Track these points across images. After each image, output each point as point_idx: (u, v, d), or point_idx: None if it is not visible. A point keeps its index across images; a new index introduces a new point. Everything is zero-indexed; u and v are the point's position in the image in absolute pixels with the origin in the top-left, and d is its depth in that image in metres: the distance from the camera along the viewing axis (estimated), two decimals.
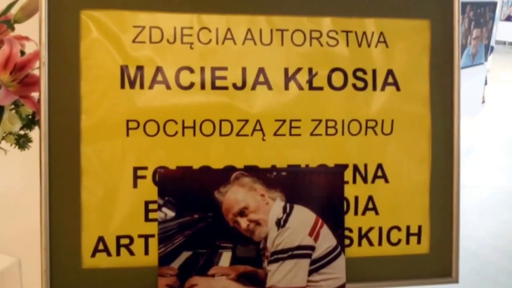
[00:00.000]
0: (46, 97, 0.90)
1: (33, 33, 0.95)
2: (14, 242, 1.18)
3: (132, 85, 0.93)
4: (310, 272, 0.94)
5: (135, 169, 0.94)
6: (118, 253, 0.94)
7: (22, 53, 0.96)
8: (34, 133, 0.97)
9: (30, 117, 0.96)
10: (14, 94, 0.93)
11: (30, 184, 0.99)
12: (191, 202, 0.91)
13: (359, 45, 0.99)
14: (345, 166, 0.99)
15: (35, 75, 0.95)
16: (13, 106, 0.95)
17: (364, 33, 0.99)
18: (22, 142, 0.95)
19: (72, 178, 0.92)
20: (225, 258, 0.92)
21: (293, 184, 0.95)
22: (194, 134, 0.95)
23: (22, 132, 0.96)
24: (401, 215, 1.01)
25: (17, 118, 0.95)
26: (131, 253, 0.94)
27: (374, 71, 1.00)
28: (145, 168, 0.94)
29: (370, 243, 1.00)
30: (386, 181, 1.00)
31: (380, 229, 1.01)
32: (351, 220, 0.99)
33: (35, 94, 0.95)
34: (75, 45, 0.93)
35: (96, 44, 0.93)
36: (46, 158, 0.91)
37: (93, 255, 0.93)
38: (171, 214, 0.91)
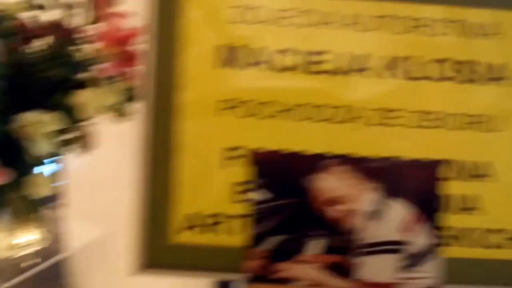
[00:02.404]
0: (147, 72, 0.91)
1: (135, 8, 0.96)
2: (105, 215, 1.22)
3: (228, 65, 0.93)
4: (402, 269, 0.90)
5: (227, 150, 0.93)
6: (205, 232, 0.94)
7: (124, 28, 0.98)
8: (131, 108, 0.98)
9: (128, 91, 0.98)
10: (115, 68, 0.95)
11: (124, 158, 1.01)
12: (283, 186, 0.89)
13: (470, 36, 0.93)
14: (444, 161, 0.93)
15: (135, 51, 0.97)
16: (112, 80, 0.97)
17: (477, 24, 0.93)
18: (119, 115, 0.97)
19: (165, 154, 0.93)
20: (314, 246, 0.89)
21: (388, 176, 0.91)
22: (288, 118, 0.93)
23: (120, 106, 0.98)
24: (506, 217, 0.95)
25: (116, 92, 0.97)
26: (218, 232, 0.94)
27: (485, 64, 0.93)
28: (237, 149, 0.93)
29: (469, 244, 0.95)
30: (493, 180, 0.94)
31: (481, 230, 0.95)
32: (449, 218, 0.94)
33: (134, 69, 0.97)
34: (174, 22, 0.93)
35: (195, 22, 0.93)
36: (143, 133, 0.92)
37: (180, 231, 0.94)
38: (262, 197, 0.90)
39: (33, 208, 1.00)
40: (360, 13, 0.94)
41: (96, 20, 0.97)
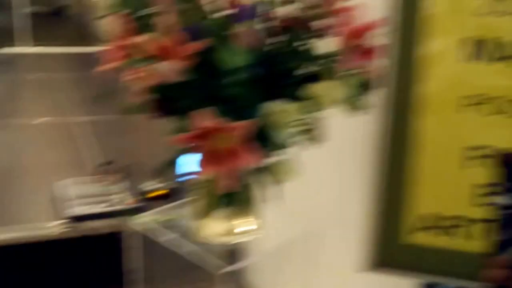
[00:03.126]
0: (387, 66, 0.89)
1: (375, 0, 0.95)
2: (320, 211, 1.22)
3: (474, 59, 0.87)
4: None
5: (469, 149, 0.87)
6: (441, 234, 0.89)
7: (362, 21, 0.96)
8: (367, 102, 0.97)
9: (364, 85, 0.97)
10: (352, 61, 0.95)
11: (354, 152, 1.00)
12: None
13: None
14: None
15: (374, 44, 0.95)
16: (349, 73, 0.96)
17: None
18: (354, 109, 0.96)
19: (401, 150, 0.90)
20: None
21: None
22: None
23: (355, 100, 0.97)
24: None
25: (352, 85, 0.96)
26: (455, 236, 0.88)
27: None
28: (480, 148, 0.86)
29: None
30: None
31: None
32: None
33: (371, 63, 0.95)
34: (416, 14, 0.89)
35: (439, 13, 0.88)
36: (379, 128, 0.89)
37: (414, 232, 0.90)
38: (509, 201, 0.82)
39: (260, 197, 1.02)
40: None
41: (334, 14, 0.97)
